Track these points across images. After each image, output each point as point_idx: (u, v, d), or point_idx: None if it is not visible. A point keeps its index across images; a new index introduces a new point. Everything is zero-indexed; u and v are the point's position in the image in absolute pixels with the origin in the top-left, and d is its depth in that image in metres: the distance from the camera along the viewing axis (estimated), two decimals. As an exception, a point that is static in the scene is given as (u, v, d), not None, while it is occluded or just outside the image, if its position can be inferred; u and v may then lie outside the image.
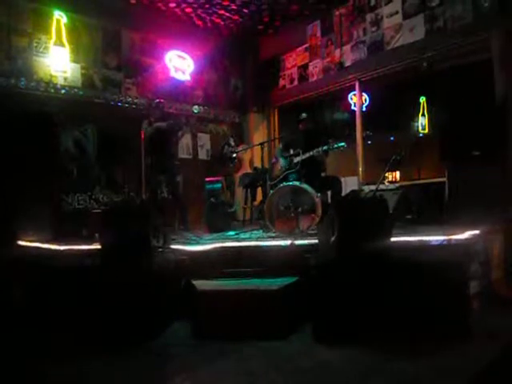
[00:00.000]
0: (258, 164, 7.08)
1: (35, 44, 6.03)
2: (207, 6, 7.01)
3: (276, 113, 8.71)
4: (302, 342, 2.99)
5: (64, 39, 6.21)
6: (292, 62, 8.12)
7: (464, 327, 2.89)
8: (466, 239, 3.59)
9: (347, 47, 7.08)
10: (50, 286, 3.23)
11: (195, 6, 7.00)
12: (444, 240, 3.51)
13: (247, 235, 4.94)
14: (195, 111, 7.81)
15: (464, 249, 3.42)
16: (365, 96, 7.93)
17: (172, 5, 6.94)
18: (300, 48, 7.93)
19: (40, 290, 3.25)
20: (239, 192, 7.37)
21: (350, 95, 8.24)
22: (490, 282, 3.78)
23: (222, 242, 4.18)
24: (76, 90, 6.43)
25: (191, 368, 2.63)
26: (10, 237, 4.21)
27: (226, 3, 6.95)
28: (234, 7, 7.10)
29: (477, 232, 3.73)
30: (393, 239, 3.28)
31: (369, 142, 7.61)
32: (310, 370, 2.54)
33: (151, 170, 5.63)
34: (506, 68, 5.15)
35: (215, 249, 3.96)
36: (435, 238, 3.55)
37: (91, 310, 3.04)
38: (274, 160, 5.58)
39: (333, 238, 3.19)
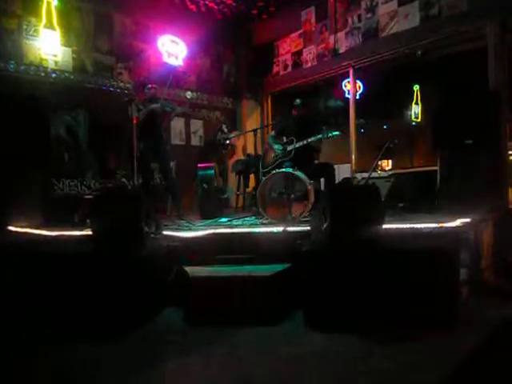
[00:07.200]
0: (251, 151, 7.08)
1: (25, 26, 5.91)
2: (201, -11, 6.93)
3: (269, 99, 8.65)
4: (293, 329, 3.01)
5: (54, 22, 6.08)
6: (286, 48, 8.05)
7: (452, 314, 2.93)
8: (457, 227, 3.62)
9: (342, 34, 7.03)
10: (40, 271, 3.21)
11: (188, -11, 6.92)
12: (435, 228, 3.54)
13: (240, 222, 4.93)
14: (188, 97, 7.75)
15: (455, 236, 3.45)
16: (359, 83, 7.89)
17: (165, -12, 6.85)
18: (294, 34, 7.85)
19: (30, 276, 3.23)
20: (232, 178, 7.36)
21: (344, 82, 8.20)
22: (479, 270, 3.83)
23: (215, 229, 4.17)
24: (67, 74, 6.34)
25: (182, 354, 2.64)
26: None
27: (219, -13, 6.87)
28: (227, -9, 7.02)
29: (468, 220, 3.76)
30: (384, 226, 3.29)
31: (362, 130, 7.61)
32: (301, 355, 2.56)
33: (143, 156, 5.60)
34: (500, 57, 5.15)
35: (208, 235, 3.96)
36: (426, 226, 3.58)
37: (82, 297, 3.03)
38: (266, 147, 5.56)
39: (325, 225, 3.20)
